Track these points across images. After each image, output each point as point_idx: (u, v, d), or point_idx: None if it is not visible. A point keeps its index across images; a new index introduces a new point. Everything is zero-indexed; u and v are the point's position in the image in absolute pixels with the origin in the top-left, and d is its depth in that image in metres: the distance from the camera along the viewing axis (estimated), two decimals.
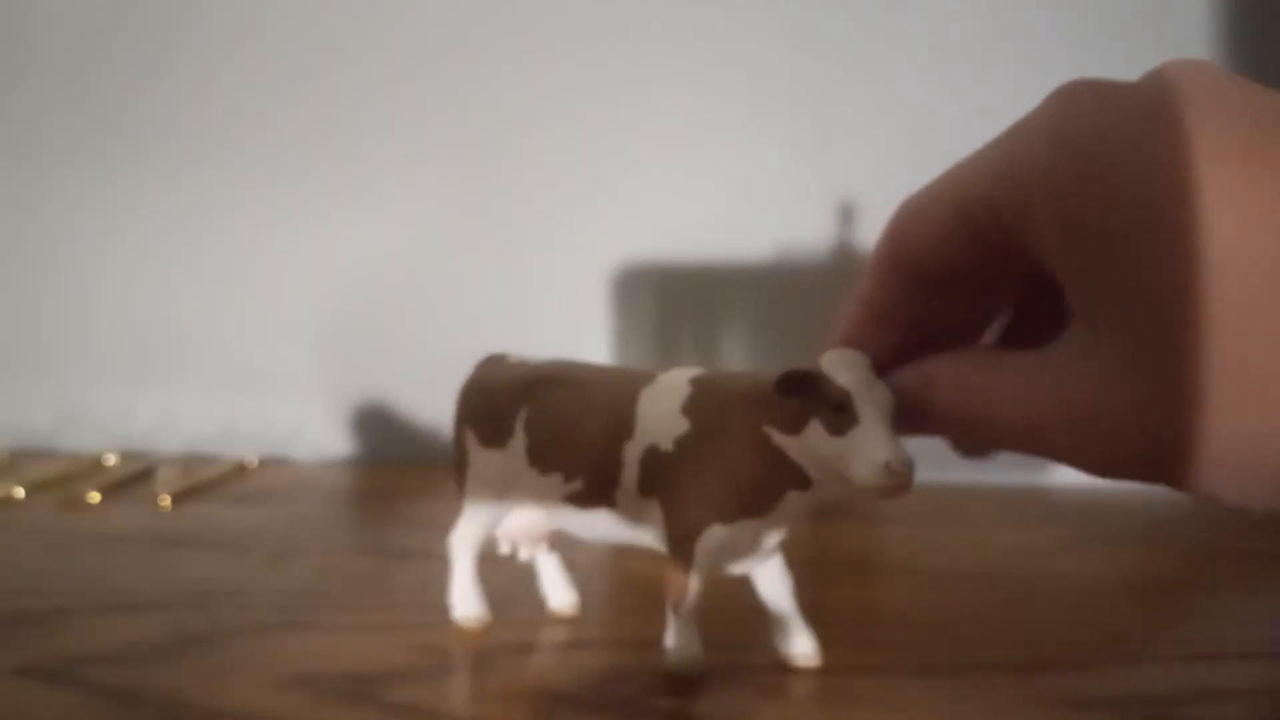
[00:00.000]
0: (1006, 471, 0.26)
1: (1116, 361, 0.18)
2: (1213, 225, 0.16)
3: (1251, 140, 0.17)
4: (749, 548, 0.30)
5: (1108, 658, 0.32)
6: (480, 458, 0.34)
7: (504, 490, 0.33)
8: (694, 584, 0.30)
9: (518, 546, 0.36)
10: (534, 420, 0.32)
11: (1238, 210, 0.16)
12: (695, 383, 0.30)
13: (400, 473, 0.64)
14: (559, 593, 0.36)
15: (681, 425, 0.29)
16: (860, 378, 0.26)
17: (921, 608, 0.38)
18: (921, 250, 0.23)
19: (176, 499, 0.54)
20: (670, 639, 0.30)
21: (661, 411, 0.30)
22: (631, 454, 0.30)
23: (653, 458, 0.30)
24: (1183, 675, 0.31)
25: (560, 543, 0.36)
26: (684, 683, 0.30)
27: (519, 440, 0.32)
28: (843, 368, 0.26)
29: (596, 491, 0.31)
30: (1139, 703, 0.29)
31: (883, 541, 0.48)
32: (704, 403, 0.29)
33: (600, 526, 0.32)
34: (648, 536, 0.31)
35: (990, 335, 0.27)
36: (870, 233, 0.63)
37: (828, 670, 0.29)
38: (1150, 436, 0.17)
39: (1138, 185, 0.17)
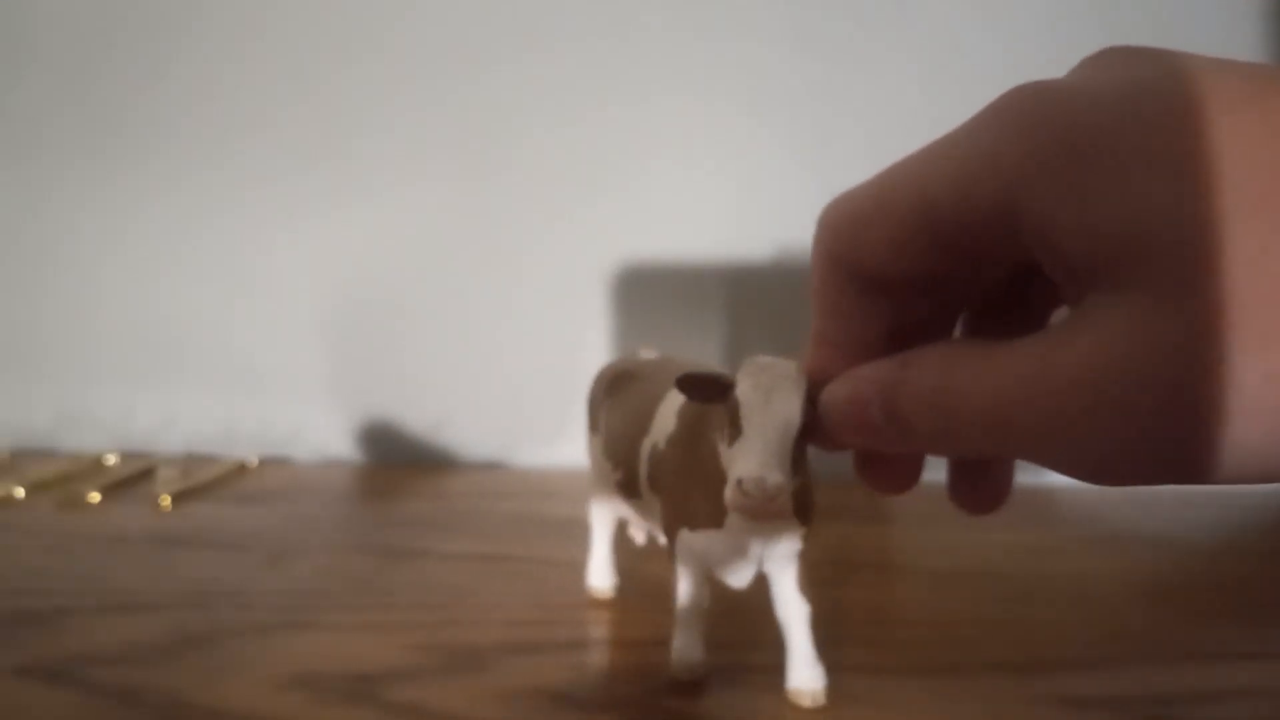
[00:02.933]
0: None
1: (1143, 325, 0.17)
2: (1228, 165, 0.16)
3: (1249, 87, 0.17)
4: (728, 558, 0.28)
5: (1108, 658, 0.32)
6: (590, 441, 0.36)
7: (600, 474, 0.35)
8: (684, 586, 0.29)
9: (638, 530, 0.37)
10: (609, 413, 0.34)
11: (1253, 146, 0.16)
12: None
13: (400, 473, 0.64)
14: None
15: (672, 426, 0.29)
16: (760, 387, 0.24)
17: (922, 608, 0.38)
18: (878, 260, 0.21)
19: (176, 499, 0.54)
20: (672, 641, 0.30)
21: (667, 411, 0.30)
22: (645, 450, 0.31)
23: (655, 455, 0.30)
24: (1183, 675, 0.31)
25: None
26: (685, 685, 0.29)
27: (601, 429, 0.34)
28: (749, 375, 0.24)
29: (630, 483, 0.32)
30: (1139, 703, 0.29)
31: (883, 541, 0.48)
32: (688, 405, 0.29)
33: (635, 517, 0.33)
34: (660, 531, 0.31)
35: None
36: None
37: (828, 669, 0.29)
38: (1173, 398, 0.16)
39: (1143, 143, 0.17)
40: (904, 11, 0.63)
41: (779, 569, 0.29)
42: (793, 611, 0.29)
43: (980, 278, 0.23)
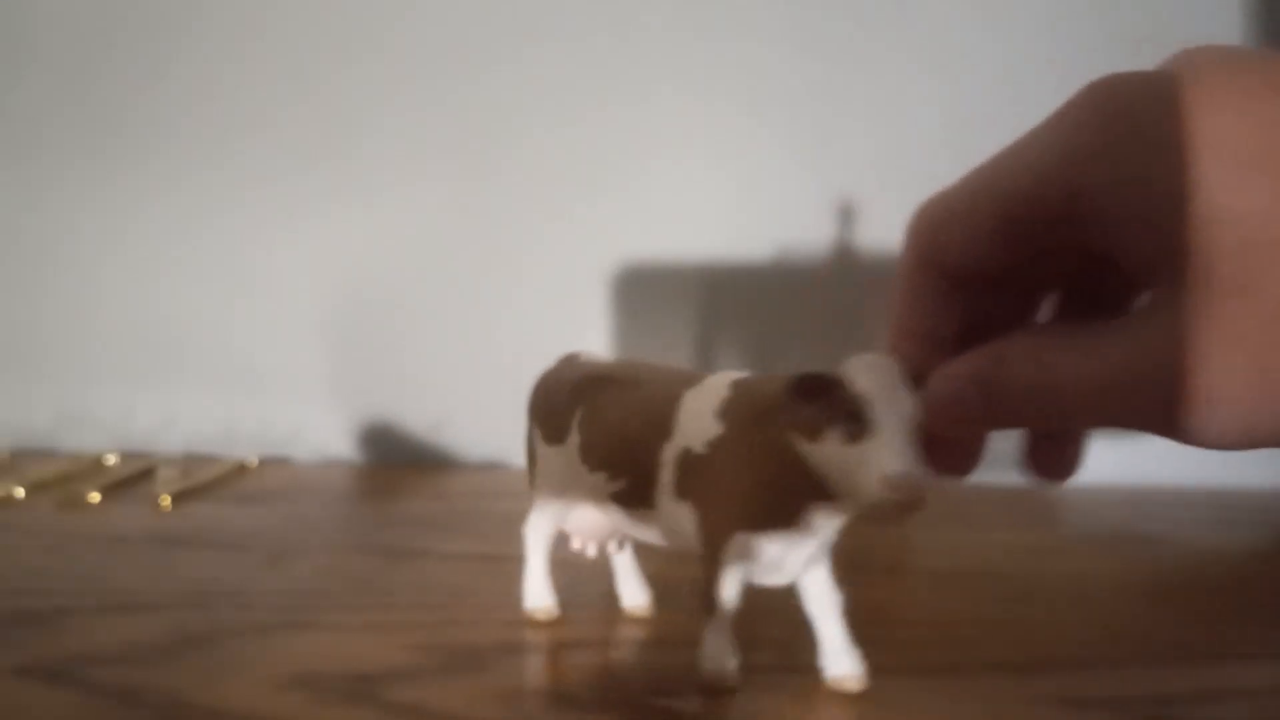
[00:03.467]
0: (1007, 471, 0.27)
1: (1213, 318, 0.18)
2: (1215, 179, 0.18)
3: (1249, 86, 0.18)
4: (780, 560, 0.28)
5: (1108, 658, 0.32)
6: (545, 454, 0.34)
7: (564, 486, 0.34)
8: (724, 592, 0.29)
9: (587, 543, 0.36)
10: (587, 419, 0.32)
11: (1237, 159, 0.18)
12: (735, 386, 0.29)
13: (400, 473, 0.64)
14: (632, 591, 0.36)
15: (715, 428, 0.29)
16: (882, 384, 0.24)
17: (922, 607, 0.38)
18: (962, 255, 0.23)
19: (176, 499, 0.54)
20: (703, 647, 0.29)
21: (698, 413, 0.29)
22: (669, 455, 0.30)
23: (687, 460, 0.29)
24: (1183, 675, 0.31)
25: (633, 541, 0.35)
26: (713, 690, 0.29)
27: (574, 438, 0.33)
28: (864, 373, 0.25)
29: (638, 491, 0.31)
30: (1139, 703, 0.29)
31: (883, 541, 0.48)
32: (738, 406, 0.28)
33: (642, 526, 0.32)
34: (684, 538, 0.30)
35: None
36: (870, 233, 0.63)
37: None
38: (1248, 382, 0.18)
39: (1198, 139, 0.18)
40: (904, 11, 0.63)
41: (815, 562, 0.29)
42: (829, 601, 0.29)
43: (1049, 272, 0.24)
